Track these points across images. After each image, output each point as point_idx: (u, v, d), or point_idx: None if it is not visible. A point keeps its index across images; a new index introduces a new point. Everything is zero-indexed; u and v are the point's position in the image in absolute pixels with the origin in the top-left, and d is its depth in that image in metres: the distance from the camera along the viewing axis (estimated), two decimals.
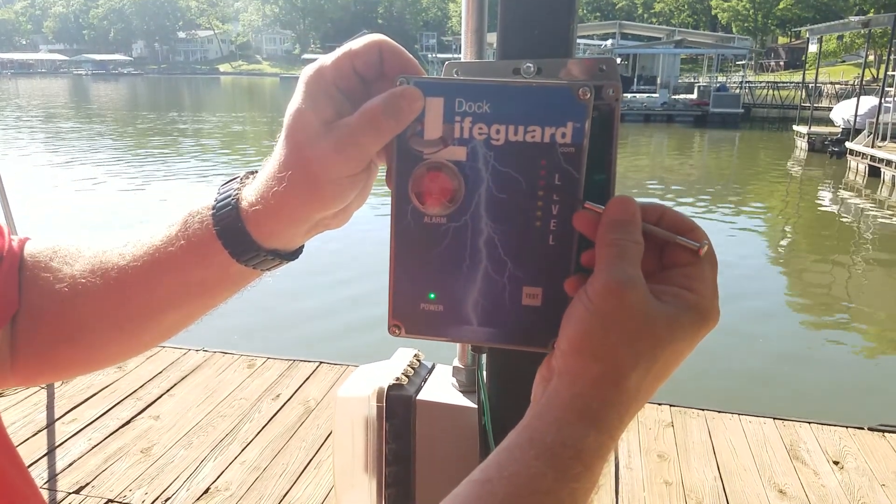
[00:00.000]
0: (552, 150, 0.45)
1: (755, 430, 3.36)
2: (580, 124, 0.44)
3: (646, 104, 31.30)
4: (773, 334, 6.49)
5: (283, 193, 0.48)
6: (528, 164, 0.45)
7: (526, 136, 0.45)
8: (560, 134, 0.44)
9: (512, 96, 0.45)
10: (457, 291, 0.49)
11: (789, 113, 29.75)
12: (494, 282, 0.48)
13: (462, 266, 0.48)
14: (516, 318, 0.48)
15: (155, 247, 0.54)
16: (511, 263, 0.47)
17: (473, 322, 0.49)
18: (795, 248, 10.48)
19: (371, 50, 0.48)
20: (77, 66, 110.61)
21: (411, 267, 0.50)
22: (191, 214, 0.53)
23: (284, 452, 3.14)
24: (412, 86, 0.46)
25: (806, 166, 18.48)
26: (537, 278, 0.47)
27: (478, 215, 0.47)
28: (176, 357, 4.12)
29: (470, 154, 0.46)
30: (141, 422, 3.41)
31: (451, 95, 0.46)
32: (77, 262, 0.58)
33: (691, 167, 18.90)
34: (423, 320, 0.50)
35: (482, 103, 0.46)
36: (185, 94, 55.60)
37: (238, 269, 0.53)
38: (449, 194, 0.47)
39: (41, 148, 19.44)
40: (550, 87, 0.45)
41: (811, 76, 25.47)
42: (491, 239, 0.47)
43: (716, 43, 39.72)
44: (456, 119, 0.46)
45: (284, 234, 0.52)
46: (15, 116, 29.51)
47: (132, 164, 16.51)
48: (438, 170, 0.47)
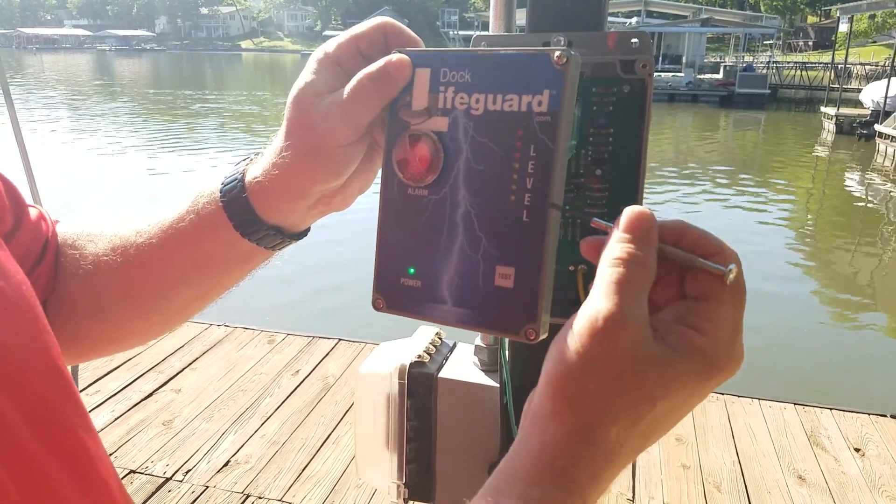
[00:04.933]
0: (528, 120, 0.42)
1: (775, 416, 3.33)
2: (556, 91, 0.41)
3: (670, 83, 30.83)
4: (796, 318, 6.41)
5: (282, 164, 0.50)
6: (505, 133, 0.43)
7: (504, 105, 0.43)
8: (536, 102, 0.42)
9: (492, 64, 0.44)
10: (434, 267, 0.47)
11: (817, 94, 29.16)
12: (469, 258, 0.46)
13: (440, 241, 0.47)
14: (489, 299, 0.45)
15: (168, 223, 0.56)
16: (485, 239, 0.45)
17: (448, 301, 0.47)
18: (821, 231, 10.32)
19: (375, 32, 0.49)
20: (101, 42, 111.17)
21: (394, 240, 0.49)
22: (200, 192, 0.55)
23: (303, 427, 3.17)
24: (400, 56, 0.47)
25: (833, 149, 18.14)
26: (510, 257, 0.44)
27: (456, 187, 0.46)
28: (198, 331, 4.18)
29: (451, 124, 0.45)
30: (163, 394, 3.46)
31: (437, 66, 0.46)
32: (100, 241, 0.60)
33: (715, 148, 18.63)
34: (403, 296, 0.49)
35: (464, 72, 0.45)
36: (207, 71, 55.76)
37: (246, 246, 0.55)
38: (427, 163, 0.46)
39: (64, 124, 19.64)
40: (528, 53, 0.43)
41: (841, 56, 24.83)
42: (468, 213, 0.45)
43: (743, 22, 38.97)
44: (440, 89, 0.46)
45: (285, 207, 0.53)
46: (39, 91, 29.80)
47: (154, 139, 16.63)
48: (418, 139, 0.46)
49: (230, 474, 2.84)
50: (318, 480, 2.80)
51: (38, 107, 23.28)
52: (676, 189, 12.07)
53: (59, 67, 52.95)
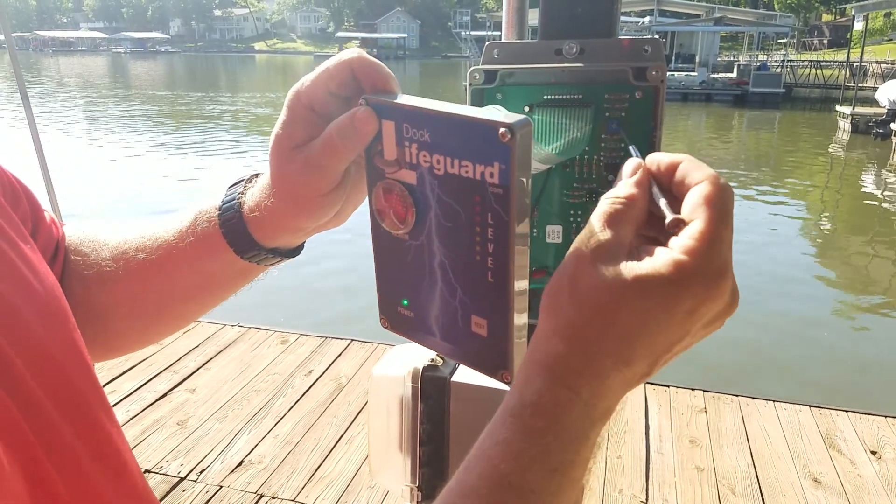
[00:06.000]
0: (483, 188, 0.41)
1: (790, 418, 3.30)
2: (505, 166, 0.40)
3: (684, 83, 30.64)
4: (812, 320, 6.36)
5: (272, 207, 0.53)
6: (465, 197, 0.43)
7: (461, 170, 0.42)
8: (489, 173, 0.41)
9: (446, 127, 0.43)
10: (423, 304, 0.49)
11: (832, 93, 28.90)
12: (449, 303, 0.47)
13: (424, 282, 0.48)
14: (469, 341, 0.47)
15: (168, 242, 0.59)
16: (460, 290, 0.46)
17: (436, 335, 0.49)
18: (836, 231, 10.22)
19: (342, 71, 0.48)
20: (116, 44, 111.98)
21: (388, 272, 0.51)
22: (200, 213, 0.58)
23: (316, 427, 3.18)
24: (366, 109, 0.47)
25: (849, 148, 17.95)
26: (482, 310, 0.45)
27: (431, 238, 0.46)
28: (212, 332, 4.20)
29: (419, 178, 0.45)
30: (177, 395, 3.49)
31: (400, 120, 0.45)
32: (103, 250, 0.62)
33: (729, 148, 18.50)
34: (401, 321, 0.52)
35: (423, 131, 0.44)
36: (220, 72, 56.03)
37: (243, 265, 0.58)
38: (401, 216, 0.47)
39: (81, 126, 19.81)
40: (476, 122, 0.41)
41: (856, 55, 24.62)
42: (443, 263, 0.46)
43: (757, 20, 38.64)
44: (405, 144, 0.45)
45: (283, 238, 0.56)
46: (54, 94, 30.07)
47: (169, 142, 16.74)
48: (390, 191, 0.47)
49: (244, 474, 2.85)
50: (331, 481, 2.81)
51: (55, 108, 23.50)
52: None
53: (74, 70, 53.43)
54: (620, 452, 3.03)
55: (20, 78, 3.62)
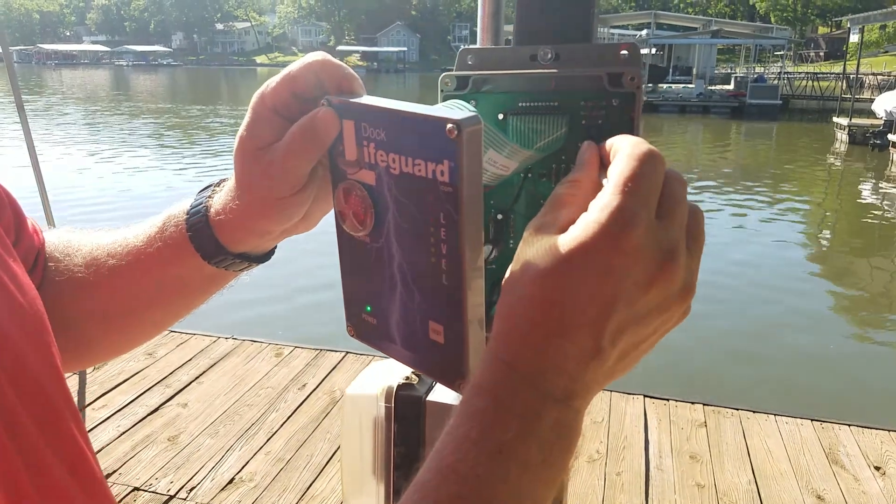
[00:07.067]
0: (436, 187, 0.40)
1: (792, 432, 3.25)
2: (454, 164, 0.39)
3: (681, 95, 30.77)
4: (812, 332, 6.30)
5: (236, 210, 0.52)
6: (419, 197, 0.42)
7: (414, 168, 0.41)
8: (439, 171, 0.39)
9: (399, 125, 0.42)
10: (384, 310, 0.48)
11: (829, 104, 28.98)
12: (408, 308, 0.46)
13: (385, 286, 0.47)
14: (427, 348, 0.45)
15: (137, 247, 0.58)
16: (418, 294, 0.45)
17: (398, 342, 0.48)
18: (835, 243, 10.19)
19: (305, 73, 0.48)
20: (118, 57, 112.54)
21: (351, 277, 0.50)
22: (169, 217, 0.57)
23: (309, 444, 3.13)
24: (326, 109, 0.46)
25: (846, 159, 17.98)
26: (438, 315, 0.44)
27: (390, 241, 0.45)
28: (206, 345, 4.15)
29: (377, 179, 0.44)
30: (169, 409, 3.43)
31: (359, 119, 0.45)
32: (76, 256, 0.62)
33: (727, 159, 18.51)
34: (366, 329, 0.51)
35: (380, 130, 0.43)
36: (222, 85, 56.27)
37: (212, 270, 0.57)
38: (360, 217, 0.46)
39: (78, 137, 19.85)
40: (426, 119, 0.40)
41: (852, 67, 24.69)
42: (402, 266, 0.45)
43: (753, 33, 38.80)
44: (364, 143, 0.45)
45: (249, 241, 0.55)
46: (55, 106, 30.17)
47: (167, 152, 16.76)
48: (350, 191, 0.46)
49: (234, 492, 2.79)
50: (322, 500, 2.75)
51: (56, 120, 23.56)
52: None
53: (76, 83, 53.67)
54: (619, 469, 2.97)
55: (16, 91, 3.60)
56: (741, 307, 6.68)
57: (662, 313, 0.39)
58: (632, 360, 0.40)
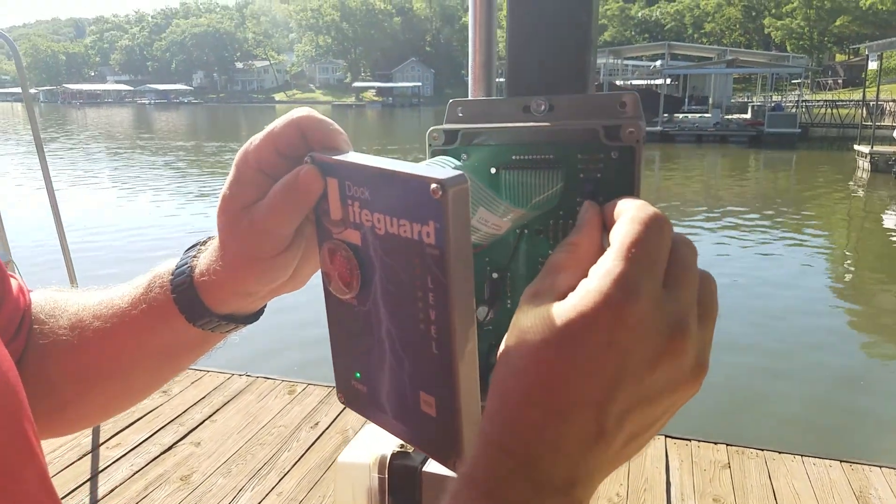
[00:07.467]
0: (422, 249, 0.38)
1: (820, 474, 3.14)
2: (440, 225, 0.36)
3: (698, 124, 30.77)
4: (838, 367, 6.13)
5: (220, 271, 0.50)
6: (406, 259, 0.39)
7: (399, 229, 0.39)
8: (425, 233, 0.37)
9: (383, 183, 0.40)
10: (374, 377, 0.45)
11: (849, 132, 28.80)
12: (398, 376, 0.43)
13: (374, 352, 0.44)
14: (419, 421, 0.42)
15: (122, 309, 0.56)
16: (407, 362, 0.42)
17: (388, 412, 0.45)
18: (859, 273, 10.00)
19: (289, 130, 0.46)
20: (141, 96, 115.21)
21: (340, 342, 0.48)
22: (155, 278, 0.55)
23: (321, 484, 3.07)
24: (310, 167, 0.44)
25: (869, 187, 17.76)
26: (429, 386, 0.41)
27: (377, 304, 0.43)
28: (220, 382, 4.14)
29: (363, 239, 0.42)
30: (182, 448, 3.40)
31: (343, 177, 0.43)
32: (62, 318, 0.59)
33: (746, 189, 18.38)
34: (356, 397, 0.48)
35: (364, 188, 0.41)
36: (241, 122, 57.21)
37: (198, 333, 0.54)
38: (346, 279, 0.44)
39: (101, 175, 20.20)
40: (409, 177, 0.38)
41: (872, 94, 24.58)
42: (390, 332, 0.42)
43: (769, 62, 38.90)
44: (348, 202, 0.43)
45: (234, 303, 0.53)
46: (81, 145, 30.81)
47: (182, 190, 16.98)
48: (335, 252, 0.44)
49: None
50: None
51: (79, 158, 24.04)
52: (705, 231, 11.88)
53: (100, 122, 54.88)
54: None
55: (36, 132, 3.67)
56: (765, 341, 6.54)
57: (673, 392, 0.36)
58: (641, 442, 0.37)
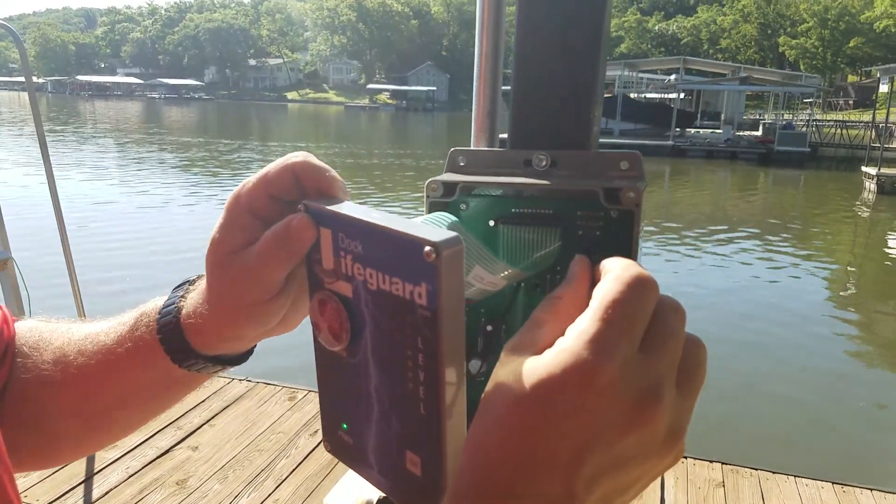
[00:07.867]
0: (413, 310, 0.37)
1: (812, 495, 3.14)
2: (433, 288, 0.36)
3: (709, 140, 30.74)
4: (835, 388, 6.13)
5: (207, 315, 0.49)
6: (396, 317, 0.39)
7: (391, 287, 0.38)
8: (417, 294, 0.37)
9: (377, 239, 0.39)
10: (361, 430, 0.44)
11: (858, 153, 28.70)
12: (385, 433, 0.42)
13: (362, 406, 0.44)
14: (405, 479, 0.42)
15: (107, 346, 0.55)
16: (394, 419, 0.41)
17: (374, 467, 0.44)
18: (862, 294, 9.97)
19: (283, 175, 0.46)
20: (151, 90, 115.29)
21: (328, 392, 0.47)
22: (142, 316, 0.54)
23: (318, 493, 3.09)
24: (302, 216, 0.44)
25: (875, 209, 17.71)
26: (415, 445, 0.40)
27: (366, 359, 0.42)
28: (220, 386, 4.15)
29: (354, 292, 0.42)
30: (179, 452, 3.42)
31: (336, 229, 0.42)
32: (45, 351, 0.59)
33: (754, 206, 18.34)
34: (342, 447, 0.47)
35: (357, 242, 0.41)
36: (253, 120, 57.22)
37: (184, 373, 0.54)
38: (335, 332, 0.43)
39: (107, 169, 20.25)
40: (402, 237, 0.37)
41: (882, 116, 24.51)
42: (378, 387, 0.42)
43: (782, 80, 38.78)
44: (341, 254, 0.42)
45: (221, 346, 0.52)
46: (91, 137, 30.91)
47: (189, 187, 17.02)
48: (325, 303, 0.44)
49: None
50: None
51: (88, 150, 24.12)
52: (712, 248, 11.85)
53: (109, 113, 55.02)
54: None
55: (39, 128, 3.68)
56: (761, 360, 6.54)
57: (646, 460, 0.35)
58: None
